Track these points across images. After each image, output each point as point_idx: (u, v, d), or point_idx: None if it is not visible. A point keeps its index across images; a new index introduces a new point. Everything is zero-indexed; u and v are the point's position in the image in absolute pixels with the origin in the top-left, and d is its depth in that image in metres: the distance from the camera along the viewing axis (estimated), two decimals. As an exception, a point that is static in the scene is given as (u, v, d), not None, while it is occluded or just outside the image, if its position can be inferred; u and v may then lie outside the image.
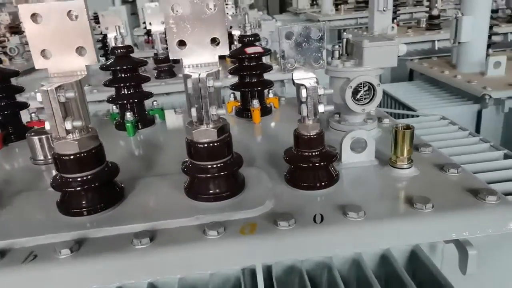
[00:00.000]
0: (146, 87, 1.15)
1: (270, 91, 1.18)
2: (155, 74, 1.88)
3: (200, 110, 0.63)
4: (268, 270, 0.64)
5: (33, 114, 1.15)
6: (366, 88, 0.88)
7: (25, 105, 1.11)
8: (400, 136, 0.73)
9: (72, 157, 0.66)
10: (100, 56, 2.46)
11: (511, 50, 2.36)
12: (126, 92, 1.09)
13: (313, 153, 0.70)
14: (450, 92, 1.95)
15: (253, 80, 1.11)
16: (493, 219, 0.63)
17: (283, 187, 0.74)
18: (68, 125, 0.62)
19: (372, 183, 0.74)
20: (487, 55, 1.95)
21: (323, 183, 0.72)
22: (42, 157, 0.93)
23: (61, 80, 0.64)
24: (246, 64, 1.10)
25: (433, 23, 2.97)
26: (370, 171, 0.78)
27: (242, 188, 0.72)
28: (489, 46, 2.00)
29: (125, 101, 1.09)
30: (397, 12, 3.47)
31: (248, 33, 1.10)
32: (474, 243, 0.62)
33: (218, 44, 0.67)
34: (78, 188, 0.67)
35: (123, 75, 1.08)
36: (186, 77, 0.63)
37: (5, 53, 3.51)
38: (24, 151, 1.04)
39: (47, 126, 0.62)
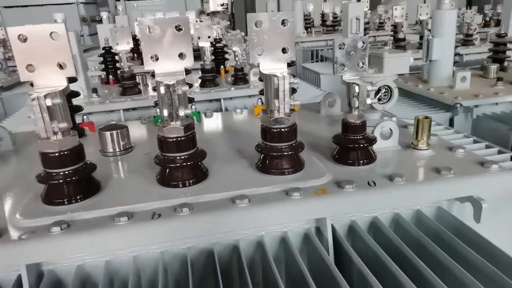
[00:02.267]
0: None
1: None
2: (200, 83, 2.16)
3: (282, 101, 0.82)
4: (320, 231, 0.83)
5: (84, 117, 1.28)
6: (384, 90, 1.10)
7: (80, 109, 1.24)
8: (421, 124, 0.95)
9: (174, 139, 0.82)
10: (101, 70, 2.59)
11: (470, 68, 2.71)
12: (172, 96, 1.25)
13: (359, 137, 0.91)
14: (423, 103, 2.23)
15: (280, 87, 1.31)
16: (497, 181, 0.85)
17: (331, 165, 0.93)
18: (181, 112, 0.79)
19: (402, 161, 0.95)
20: (453, 71, 2.27)
21: (365, 160, 0.92)
22: (111, 150, 1.07)
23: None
24: (275, 73, 1.30)
25: (400, 45, 3.32)
26: (397, 153, 0.99)
27: (303, 166, 0.90)
28: (453, 64, 2.32)
29: (171, 104, 1.25)
30: (366, 35, 3.82)
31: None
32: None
33: (287, 52, 0.87)
34: (178, 165, 0.83)
35: (170, 82, 1.24)
36: (272, 76, 0.81)
37: (-13, 68, 3.50)
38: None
39: (165, 113, 0.78)
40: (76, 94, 1.23)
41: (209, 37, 2.22)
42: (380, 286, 0.66)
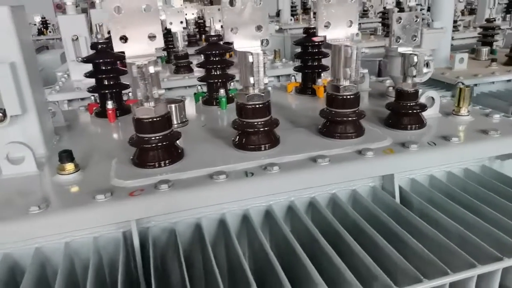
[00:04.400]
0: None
1: (323, 74, 1.45)
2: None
3: (353, 69, 0.89)
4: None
5: (130, 94, 1.32)
6: (421, 64, 1.19)
7: (126, 86, 1.27)
8: (463, 92, 1.05)
9: (255, 106, 0.88)
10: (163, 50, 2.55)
11: (460, 51, 2.87)
12: (216, 73, 1.30)
13: (413, 103, 1.00)
14: (424, 83, 2.36)
15: (315, 64, 1.39)
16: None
17: (385, 130, 1.02)
18: (266, 79, 0.85)
19: (448, 126, 1.05)
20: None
21: (418, 125, 1.01)
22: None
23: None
24: (310, 50, 1.38)
25: (388, 30, 3.44)
26: (440, 120, 1.09)
27: (364, 132, 0.98)
28: (449, 46, 2.46)
29: (215, 80, 1.30)
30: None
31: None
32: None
33: (351, 25, 0.94)
34: (256, 130, 0.90)
35: (214, 59, 1.29)
36: (344, 46, 0.89)
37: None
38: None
39: (251, 81, 0.84)
40: (124, 72, 1.27)
41: (219, 20, 2.26)
42: (445, 217, 0.76)
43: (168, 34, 2.36)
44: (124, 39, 0.81)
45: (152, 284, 0.65)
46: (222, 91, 1.28)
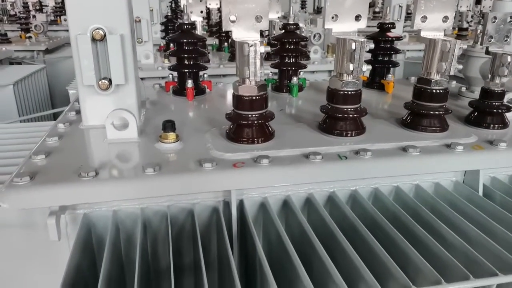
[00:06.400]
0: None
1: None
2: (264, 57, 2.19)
3: (450, 63, 0.91)
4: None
5: (205, 75, 1.36)
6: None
7: (204, 68, 1.31)
8: (548, 96, 1.05)
9: (348, 92, 0.91)
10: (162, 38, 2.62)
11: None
12: (290, 61, 1.33)
13: (499, 103, 1.00)
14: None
15: (385, 59, 1.40)
16: None
17: (465, 127, 1.03)
18: (365, 67, 0.87)
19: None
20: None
21: (502, 125, 1.01)
22: (249, 105, 1.15)
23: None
24: (383, 45, 1.39)
25: (462, 34, 3.41)
26: (520, 121, 1.10)
27: (448, 127, 0.99)
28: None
29: (289, 68, 1.33)
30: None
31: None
32: None
33: (446, 21, 0.95)
34: (346, 116, 0.92)
35: (290, 47, 1.32)
36: (442, 40, 0.90)
37: (27, 30, 3.52)
38: (211, 103, 1.26)
39: (350, 67, 0.87)
40: (203, 53, 1.31)
41: (277, 12, 2.28)
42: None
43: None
44: (232, 19, 0.85)
45: (258, 251, 0.69)
46: (295, 79, 1.31)
